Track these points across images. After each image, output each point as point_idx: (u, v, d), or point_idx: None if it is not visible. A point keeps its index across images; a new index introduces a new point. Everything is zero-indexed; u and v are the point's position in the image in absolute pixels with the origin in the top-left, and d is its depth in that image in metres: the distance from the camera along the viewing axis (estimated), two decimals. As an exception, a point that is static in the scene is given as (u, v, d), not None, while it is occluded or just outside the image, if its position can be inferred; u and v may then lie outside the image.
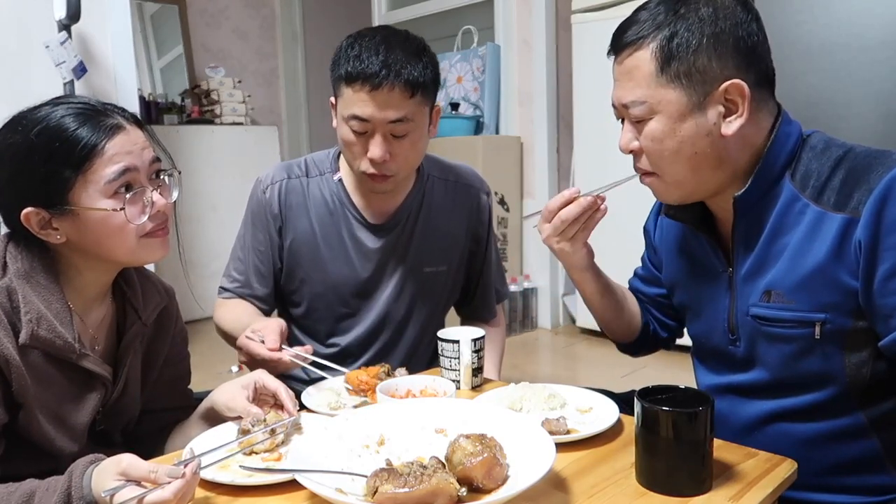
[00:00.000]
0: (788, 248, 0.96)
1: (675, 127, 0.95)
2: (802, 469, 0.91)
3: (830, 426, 0.98)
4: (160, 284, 1.17)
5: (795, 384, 0.99)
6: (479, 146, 3.48)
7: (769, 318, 0.98)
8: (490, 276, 1.61)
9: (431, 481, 0.74)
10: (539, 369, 3.17)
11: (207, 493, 0.87)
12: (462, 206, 1.52)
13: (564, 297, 3.70)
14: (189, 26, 4.51)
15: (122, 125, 0.98)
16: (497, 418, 0.90)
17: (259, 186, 1.47)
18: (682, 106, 0.94)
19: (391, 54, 1.24)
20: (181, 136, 4.04)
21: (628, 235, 1.39)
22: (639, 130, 1.00)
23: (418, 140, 1.33)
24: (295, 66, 5.06)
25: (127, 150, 0.97)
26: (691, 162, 0.97)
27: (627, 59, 0.98)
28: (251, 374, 1.10)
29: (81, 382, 1.01)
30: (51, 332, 0.94)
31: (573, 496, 0.83)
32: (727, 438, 0.97)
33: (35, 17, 2.55)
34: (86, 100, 1.00)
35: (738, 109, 0.94)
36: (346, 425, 0.91)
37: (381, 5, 4.45)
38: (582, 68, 3.27)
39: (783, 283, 0.96)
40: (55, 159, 0.93)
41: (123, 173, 0.96)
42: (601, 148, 3.25)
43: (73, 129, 0.94)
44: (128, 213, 0.96)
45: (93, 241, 0.97)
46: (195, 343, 3.86)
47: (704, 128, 0.95)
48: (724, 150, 0.96)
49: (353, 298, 1.46)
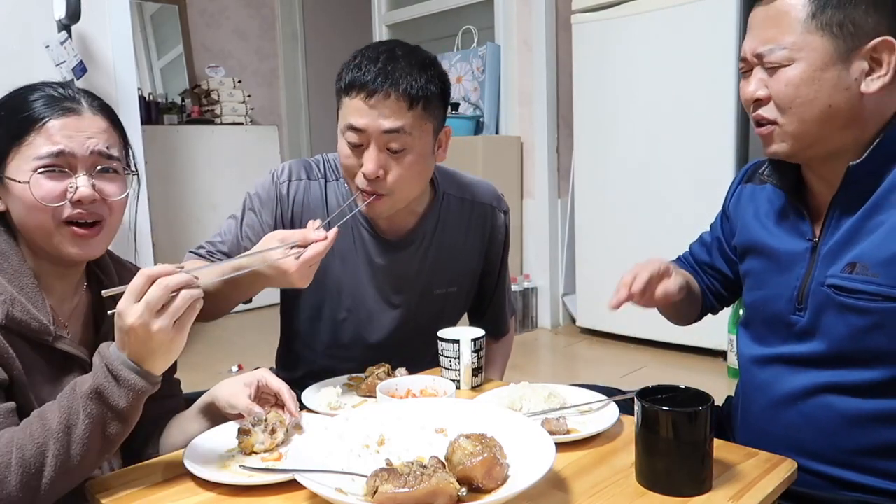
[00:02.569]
0: (885, 226, 0.94)
1: (815, 75, 0.93)
2: (840, 446, 0.92)
3: (878, 406, 0.97)
4: (136, 270, 1.13)
5: (856, 358, 0.98)
6: (479, 146, 3.48)
7: (848, 288, 0.96)
8: (503, 297, 1.57)
9: (431, 481, 0.74)
10: (539, 369, 3.17)
11: (207, 493, 0.87)
12: (477, 226, 1.46)
13: (564, 297, 3.70)
14: (189, 26, 4.51)
15: (77, 109, 0.97)
16: (497, 418, 0.90)
17: (275, 178, 1.38)
18: (826, 55, 0.93)
19: (391, 64, 1.20)
20: (181, 136, 4.04)
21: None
22: (771, 75, 0.97)
23: (417, 161, 1.24)
24: (295, 66, 5.06)
25: (68, 134, 0.95)
26: (824, 114, 0.95)
27: (777, 1, 0.96)
28: (253, 372, 1.10)
29: (59, 366, 0.99)
30: (25, 313, 0.93)
31: (573, 496, 0.83)
32: (763, 408, 0.98)
33: (35, 17, 2.55)
34: (69, 86, 1.00)
35: (884, 68, 0.93)
36: (346, 425, 0.91)
37: (381, 5, 4.45)
38: (582, 68, 3.27)
39: (871, 257, 0.94)
40: (2, 128, 0.95)
41: (57, 155, 0.94)
42: (601, 148, 3.25)
43: (27, 104, 0.96)
44: (37, 189, 0.93)
45: (17, 216, 0.97)
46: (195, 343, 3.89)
47: (845, 81, 0.93)
48: (858, 111, 0.95)
49: (358, 316, 1.40)
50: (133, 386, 0.84)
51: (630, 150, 3.13)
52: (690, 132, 2.88)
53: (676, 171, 2.96)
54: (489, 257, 1.50)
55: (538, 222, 3.66)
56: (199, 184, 4.02)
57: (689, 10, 2.85)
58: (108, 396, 0.83)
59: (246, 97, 4.38)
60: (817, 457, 1.00)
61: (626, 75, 3.10)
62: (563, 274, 3.68)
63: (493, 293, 1.55)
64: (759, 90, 0.99)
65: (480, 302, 1.56)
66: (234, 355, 3.22)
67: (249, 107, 4.39)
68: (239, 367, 3.11)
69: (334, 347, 1.44)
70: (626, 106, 3.12)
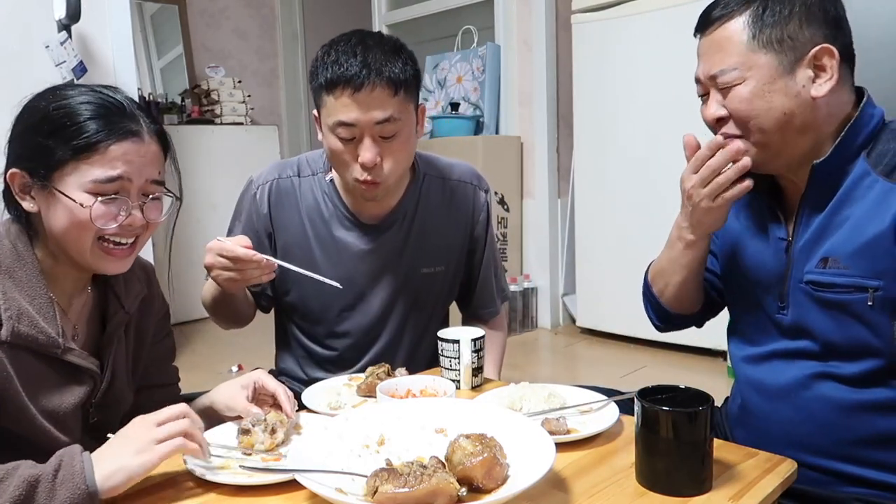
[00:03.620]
0: (851, 219, 0.99)
1: (765, 88, 1.00)
2: (837, 437, 0.95)
3: (872, 396, 0.99)
4: (138, 267, 1.14)
5: (846, 351, 1.00)
6: (479, 146, 3.48)
7: (823, 283, 1.00)
8: (490, 275, 1.59)
9: (431, 481, 0.74)
10: (539, 369, 3.17)
11: (207, 493, 0.87)
12: (459, 204, 1.50)
13: (564, 297, 3.70)
14: (189, 26, 4.51)
15: (139, 133, 0.97)
16: (497, 418, 0.90)
17: (251, 187, 1.44)
18: (773, 69, 1.00)
19: (369, 54, 1.21)
20: (181, 136, 4.04)
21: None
22: (725, 96, 1.04)
23: (407, 140, 1.29)
24: (295, 66, 5.06)
25: (129, 160, 0.96)
26: (780, 122, 1.00)
27: (717, 31, 1.04)
28: (250, 374, 1.10)
29: (68, 375, 1.00)
30: (33, 327, 0.93)
31: (573, 496, 0.83)
32: (760, 405, 1.01)
33: (35, 17, 2.55)
34: (119, 97, 0.99)
35: (828, 73, 0.99)
36: (346, 425, 0.91)
37: (381, 5, 4.45)
38: (582, 68, 3.27)
39: (841, 251, 0.99)
40: (58, 136, 0.94)
41: (114, 180, 0.95)
42: (601, 148, 3.25)
43: (84, 118, 0.94)
44: (93, 212, 0.94)
45: (57, 226, 0.97)
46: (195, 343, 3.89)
47: (793, 89, 1.00)
48: (812, 114, 1.00)
49: (348, 300, 1.44)
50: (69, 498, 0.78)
51: (630, 149, 3.13)
52: (690, 132, 2.87)
53: (676, 170, 2.92)
54: (474, 236, 1.53)
55: (538, 222, 3.66)
56: (199, 184, 4.02)
57: (689, 10, 2.82)
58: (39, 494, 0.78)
59: (246, 97, 4.38)
60: (817, 451, 1.02)
61: (626, 75, 3.10)
62: (563, 274, 3.68)
63: (480, 270, 1.56)
64: (718, 110, 1.06)
65: (468, 281, 1.57)
66: (234, 355, 3.22)
67: (249, 107, 4.39)
68: (239, 367, 3.11)
69: (331, 337, 1.47)
70: (626, 106, 3.11)
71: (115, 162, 0.95)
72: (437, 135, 3.70)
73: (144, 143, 0.98)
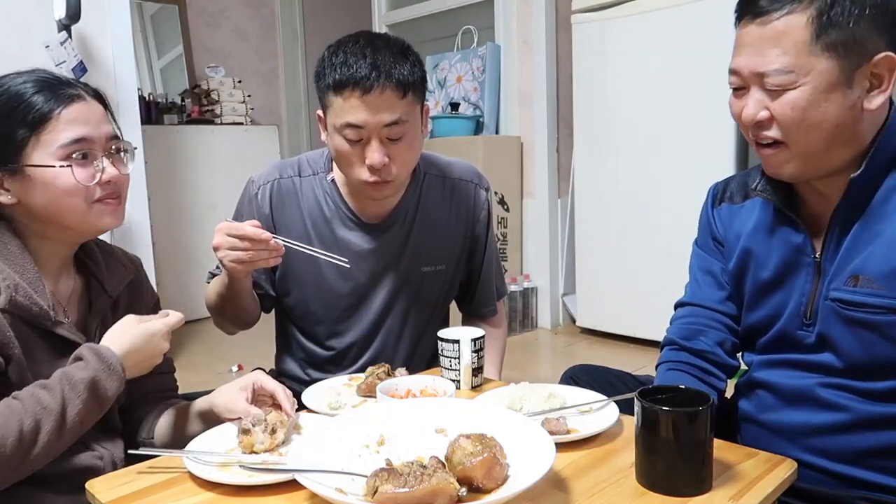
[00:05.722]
0: (884, 236, 0.93)
1: (821, 97, 0.91)
2: (848, 446, 0.95)
3: (891, 410, 0.96)
4: (125, 257, 1.20)
5: (870, 369, 0.97)
6: (479, 146, 3.49)
7: (854, 302, 0.95)
8: (490, 273, 1.59)
9: (431, 481, 0.74)
10: (539, 369, 3.17)
11: (207, 493, 0.87)
12: (460, 203, 1.50)
13: (564, 297, 3.70)
14: (189, 26, 4.51)
15: (81, 95, 1.03)
16: (497, 418, 0.90)
17: (251, 188, 1.44)
18: (832, 76, 0.90)
19: (378, 56, 1.21)
20: (181, 135, 4.04)
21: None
22: (773, 98, 0.94)
23: (413, 141, 1.29)
24: (295, 66, 5.06)
25: (83, 120, 1.01)
26: (831, 135, 0.93)
27: (775, 22, 0.91)
28: (248, 375, 1.10)
29: (58, 351, 1.02)
30: (27, 298, 0.97)
31: (573, 496, 0.83)
32: (770, 406, 1.00)
33: (35, 17, 2.56)
34: (50, 72, 1.05)
35: (883, 84, 0.92)
36: (346, 425, 0.91)
37: (381, 5, 4.45)
38: (582, 68, 3.27)
39: (874, 269, 0.93)
40: (11, 120, 0.98)
41: (78, 141, 1.00)
42: (601, 148, 3.25)
43: (30, 94, 0.99)
44: (76, 174, 0.99)
45: (43, 203, 1.00)
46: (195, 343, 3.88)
47: (849, 100, 0.91)
48: (860, 126, 0.94)
49: (350, 300, 1.44)
50: (121, 378, 0.97)
51: (630, 150, 3.13)
52: (690, 132, 2.88)
53: (676, 170, 2.96)
54: (475, 234, 1.53)
55: (538, 222, 3.66)
56: (199, 184, 4.02)
57: (689, 10, 2.85)
58: (102, 386, 0.95)
59: (246, 97, 4.38)
60: (825, 454, 1.00)
61: (626, 75, 3.10)
62: (563, 274, 3.68)
63: (481, 268, 1.56)
64: (761, 112, 0.95)
65: (468, 279, 1.57)
66: (234, 355, 3.22)
67: (249, 107, 4.39)
68: (239, 366, 3.11)
69: (331, 337, 1.47)
70: (626, 106, 3.12)
71: (72, 125, 1.00)
72: (437, 135, 3.70)
73: (89, 104, 1.03)
